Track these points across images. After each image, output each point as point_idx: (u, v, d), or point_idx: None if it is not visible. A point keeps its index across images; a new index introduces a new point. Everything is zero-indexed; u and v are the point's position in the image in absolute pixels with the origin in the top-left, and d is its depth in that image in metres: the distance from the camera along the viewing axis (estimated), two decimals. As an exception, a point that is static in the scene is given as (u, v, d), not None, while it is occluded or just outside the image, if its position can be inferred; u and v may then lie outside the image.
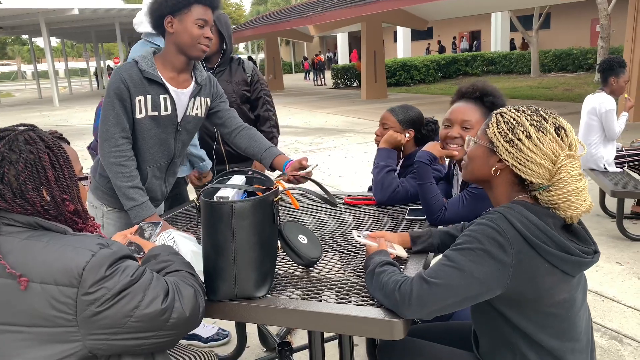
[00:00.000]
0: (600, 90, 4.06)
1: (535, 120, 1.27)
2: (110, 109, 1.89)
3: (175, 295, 1.19)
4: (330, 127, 10.62)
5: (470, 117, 1.89)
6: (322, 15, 15.27)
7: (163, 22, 1.88)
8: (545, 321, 1.26)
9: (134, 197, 1.92)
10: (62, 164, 1.22)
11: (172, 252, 1.41)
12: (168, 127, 2.00)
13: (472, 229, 1.25)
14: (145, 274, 1.18)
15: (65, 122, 13.82)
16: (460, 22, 27.13)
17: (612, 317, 2.79)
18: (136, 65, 1.90)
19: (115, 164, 1.91)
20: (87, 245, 1.13)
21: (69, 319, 1.08)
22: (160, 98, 1.94)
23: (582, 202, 1.22)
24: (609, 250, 3.66)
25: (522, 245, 1.20)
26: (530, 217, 1.22)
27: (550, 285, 1.22)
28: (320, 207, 2.27)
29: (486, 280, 1.21)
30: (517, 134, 1.26)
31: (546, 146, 1.24)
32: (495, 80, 19.10)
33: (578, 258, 1.22)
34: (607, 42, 13.98)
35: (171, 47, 1.92)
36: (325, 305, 1.37)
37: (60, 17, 18.88)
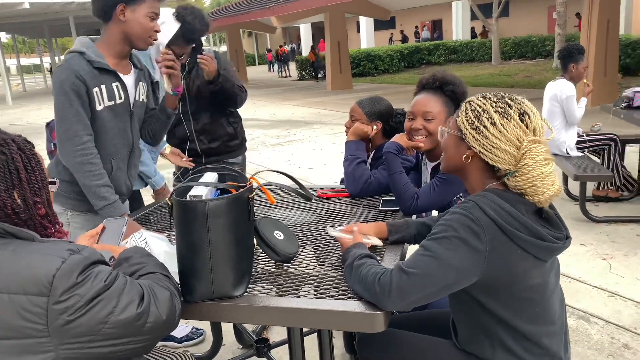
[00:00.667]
0: (560, 77, 4.16)
1: (500, 107, 1.29)
2: (68, 106, 1.82)
3: (150, 299, 1.16)
4: (297, 119, 10.57)
5: (432, 108, 1.93)
6: (284, 6, 15.15)
7: (114, 8, 1.84)
8: (520, 306, 1.28)
9: (105, 196, 1.87)
10: (34, 166, 1.18)
11: (144, 253, 1.36)
12: (124, 116, 1.98)
13: (447, 218, 1.27)
14: (118, 279, 1.13)
15: (21, 121, 13.30)
16: (422, 11, 27.41)
17: (580, 297, 2.89)
18: (83, 57, 1.84)
19: (82, 162, 1.85)
20: (56, 252, 1.08)
21: (39, 329, 1.04)
22: (113, 86, 1.91)
23: (550, 187, 1.24)
24: (573, 232, 3.78)
25: (495, 233, 1.22)
26: (502, 205, 1.24)
27: (523, 271, 1.25)
28: (293, 202, 2.25)
29: (463, 268, 1.23)
30: (482, 121, 1.29)
31: (510, 132, 1.26)
32: (457, 69, 19.40)
33: (549, 244, 1.25)
34: (564, 29, 14.40)
35: (117, 35, 1.89)
36: (305, 300, 1.36)
37: (10, 11, 18.06)
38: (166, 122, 2.14)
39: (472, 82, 14.74)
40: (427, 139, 1.96)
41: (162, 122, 2.13)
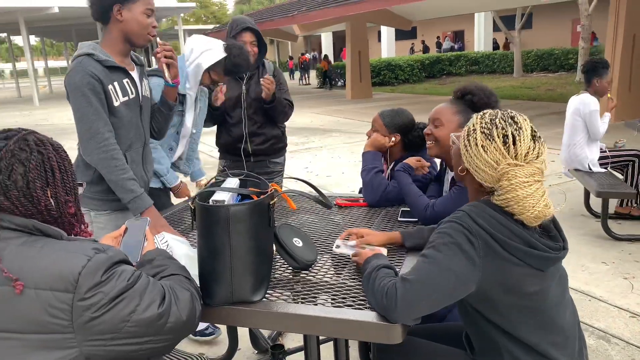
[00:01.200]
0: (584, 91, 4.11)
1: (487, 128, 1.32)
2: (87, 105, 1.87)
3: (172, 299, 1.18)
4: (315, 127, 10.61)
5: (441, 115, 1.98)
6: (307, 14, 15.25)
7: (110, 10, 1.91)
8: (520, 316, 1.29)
9: (132, 189, 1.93)
10: (67, 167, 1.23)
11: (167, 256, 1.39)
12: (136, 110, 2.06)
13: (442, 227, 1.31)
14: (141, 279, 1.16)
15: (46, 122, 13.59)
16: (444, 22, 27.32)
17: (599, 317, 2.83)
18: (93, 58, 1.90)
19: (106, 158, 1.90)
20: (82, 250, 1.11)
21: (64, 325, 1.06)
22: (124, 82, 1.99)
23: (530, 209, 1.25)
24: (595, 250, 3.71)
25: (486, 240, 1.25)
26: (492, 214, 1.28)
27: (518, 279, 1.26)
28: (311, 209, 2.26)
29: (461, 273, 1.25)
30: (470, 140, 1.35)
31: (489, 154, 1.30)
32: (478, 80, 19.24)
33: (542, 252, 1.27)
34: (588, 42, 14.22)
35: (117, 35, 1.96)
36: (322, 309, 1.36)
37: (39, 15, 18.53)
38: (168, 114, 2.20)
39: (493, 94, 14.60)
40: (434, 144, 2.00)
41: (164, 115, 2.20)
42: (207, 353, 2.61)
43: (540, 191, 1.27)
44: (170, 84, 2.09)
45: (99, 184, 2.00)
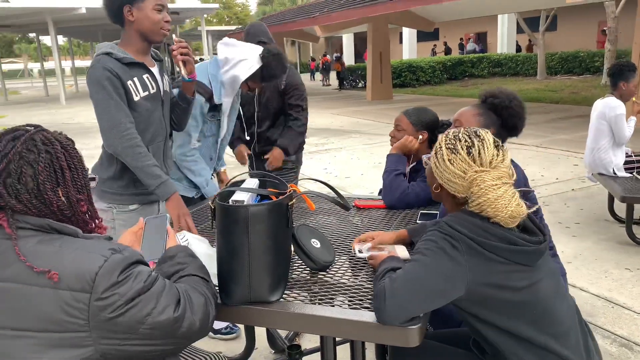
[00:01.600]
0: (609, 94, 4.03)
1: (452, 143, 1.40)
2: (108, 98, 1.92)
3: (186, 305, 1.19)
4: (335, 128, 10.61)
5: (461, 117, 2.02)
6: (328, 16, 15.27)
7: (121, 11, 1.95)
8: (515, 310, 1.33)
9: (158, 174, 1.98)
10: (77, 165, 1.21)
11: (188, 253, 1.40)
12: (157, 105, 2.09)
13: (426, 235, 1.37)
14: (158, 281, 1.17)
15: (72, 120, 13.87)
16: (466, 24, 27.05)
17: (622, 324, 2.78)
18: (111, 56, 1.94)
19: (130, 146, 1.94)
20: (99, 250, 1.12)
21: (81, 324, 1.07)
22: (144, 78, 2.03)
23: (503, 209, 1.30)
24: (619, 256, 3.64)
25: (469, 243, 1.30)
26: (469, 220, 1.33)
27: (505, 276, 1.31)
28: (330, 210, 2.27)
29: (449, 275, 1.29)
30: (438, 157, 1.43)
31: (456, 166, 1.37)
32: (501, 83, 19.04)
33: (523, 247, 1.31)
34: (614, 44, 13.93)
35: (133, 34, 2.00)
36: (339, 310, 1.37)
37: (67, 16, 18.92)
38: (186, 108, 2.23)
39: (516, 96, 14.41)
40: None
41: (183, 108, 2.23)
42: (225, 352, 2.63)
43: (509, 192, 1.32)
44: (187, 80, 2.12)
45: (121, 179, 2.05)
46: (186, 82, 2.14)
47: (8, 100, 23.24)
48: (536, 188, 5.42)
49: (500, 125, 1.97)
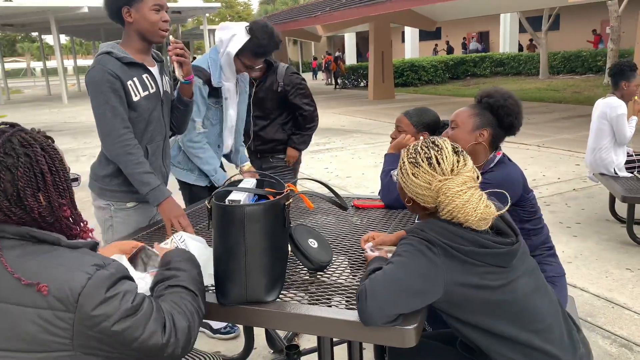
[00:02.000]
0: (611, 94, 4.02)
1: (412, 157, 1.43)
2: (104, 103, 1.93)
3: (171, 331, 1.14)
4: (337, 127, 10.60)
5: (457, 117, 2.02)
6: (330, 15, 15.26)
7: (120, 12, 1.96)
8: (494, 310, 1.34)
9: (149, 182, 1.99)
10: (58, 167, 1.15)
11: (184, 257, 1.37)
12: (157, 104, 2.10)
13: (403, 241, 1.38)
14: (145, 303, 1.11)
15: (74, 119, 13.89)
16: (469, 23, 27.00)
17: (622, 325, 2.77)
18: (111, 56, 1.95)
19: (122, 153, 1.96)
20: (82, 267, 1.06)
21: (65, 343, 1.03)
22: (144, 78, 2.03)
23: (472, 213, 1.32)
24: (619, 256, 3.63)
25: (442, 247, 1.32)
26: (442, 225, 1.36)
27: (481, 277, 1.32)
28: (328, 210, 2.27)
29: (427, 275, 1.30)
30: (403, 172, 1.45)
31: (420, 178, 1.39)
32: (503, 82, 19.00)
33: (495, 250, 1.33)
34: (617, 44, 13.89)
35: (133, 35, 2.01)
36: (336, 310, 1.36)
37: (69, 15, 18.94)
38: (185, 110, 2.24)
39: (518, 96, 14.17)
40: None
41: (181, 111, 2.24)
42: (224, 351, 2.63)
43: (476, 196, 1.34)
44: (184, 82, 2.13)
45: (119, 177, 2.06)
46: (183, 84, 2.15)
47: (10, 99, 23.29)
48: (537, 188, 5.41)
49: (496, 124, 1.97)
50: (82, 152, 8.81)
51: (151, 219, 2.20)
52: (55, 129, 12.06)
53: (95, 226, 1.63)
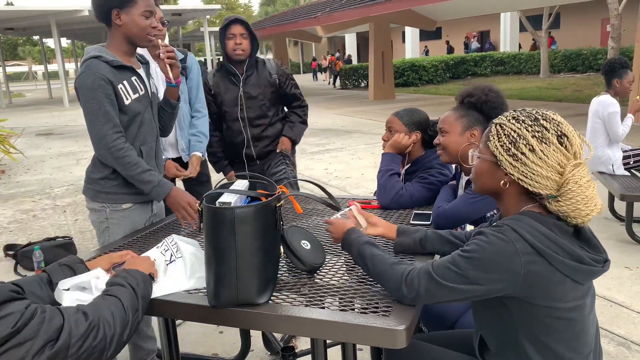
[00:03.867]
0: (605, 92, 4.03)
1: (537, 130, 1.24)
2: (97, 109, 1.94)
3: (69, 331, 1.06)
4: (337, 128, 10.60)
5: (444, 123, 1.99)
6: (330, 16, 15.27)
7: (110, 14, 1.96)
8: (557, 325, 1.25)
9: (149, 180, 2.01)
10: None
11: (132, 277, 1.32)
12: (147, 106, 2.11)
13: (480, 238, 1.25)
14: (34, 318, 1.02)
15: (75, 123, 13.92)
16: (469, 22, 26.98)
17: (620, 323, 2.76)
18: (101, 60, 1.95)
19: (117, 157, 1.97)
20: None
21: None
22: (133, 80, 2.04)
23: (593, 208, 1.21)
24: (618, 254, 3.62)
25: (532, 256, 1.19)
26: (539, 228, 1.22)
27: (561, 294, 1.22)
28: (323, 211, 2.26)
29: (492, 288, 1.23)
30: (520, 148, 1.24)
31: (551, 158, 1.22)
32: (504, 81, 18.98)
33: (589, 267, 1.22)
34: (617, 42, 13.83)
35: (119, 37, 2.01)
36: (328, 312, 1.36)
37: (70, 18, 18.98)
38: (172, 113, 2.26)
39: (518, 95, 14.38)
40: (443, 152, 2.00)
41: (168, 113, 2.25)
42: (220, 353, 2.63)
43: (596, 190, 1.22)
44: (172, 84, 2.15)
45: (114, 179, 2.07)
46: (171, 87, 2.17)
47: (12, 102, 23.34)
48: (537, 187, 5.39)
49: (484, 120, 1.95)
50: (82, 155, 8.83)
51: (147, 221, 2.20)
52: (56, 132, 12.09)
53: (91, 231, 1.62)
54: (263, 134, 2.96)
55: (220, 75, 2.95)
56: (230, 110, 2.92)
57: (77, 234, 4.69)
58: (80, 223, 5.04)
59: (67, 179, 7.03)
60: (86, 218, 5.13)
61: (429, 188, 2.21)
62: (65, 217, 5.26)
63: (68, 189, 6.44)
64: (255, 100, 2.89)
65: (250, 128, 2.94)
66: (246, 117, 2.91)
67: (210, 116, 2.93)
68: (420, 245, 1.66)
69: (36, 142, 10.46)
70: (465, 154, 1.89)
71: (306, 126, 3.14)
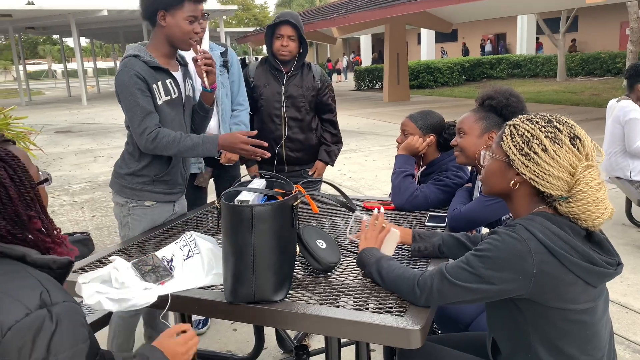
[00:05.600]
0: (625, 97, 3.96)
1: (550, 131, 1.25)
2: (135, 104, 1.98)
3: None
4: (351, 129, 10.60)
5: (463, 124, 1.97)
6: (345, 17, 15.28)
7: (155, 15, 1.99)
8: (569, 327, 1.25)
9: (195, 143, 2.01)
10: (22, 177, 1.04)
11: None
12: (179, 109, 2.14)
13: (493, 238, 1.26)
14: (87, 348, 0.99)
15: (93, 120, 14.10)
16: (485, 24, 26.80)
17: (637, 330, 2.73)
18: (138, 59, 1.99)
19: (159, 146, 2.00)
20: (26, 299, 0.94)
21: None
22: (167, 83, 2.07)
23: (603, 211, 1.22)
24: (635, 260, 3.57)
25: (544, 256, 1.19)
26: (551, 228, 1.22)
27: (573, 296, 1.22)
28: (339, 211, 2.28)
29: (504, 288, 1.23)
30: (532, 147, 1.25)
31: (563, 158, 1.23)
32: (520, 84, 18.82)
33: (601, 269, 1.22)
34: (637, 45, 13.67)
35: (162, 38, 2.05)
36: (343, 311, 1.37)
37: (89, 17, 19.25)
38: (205, 116, 2.28)
39: (535, 98, 14.25)
40: (460, 154, 1.99)
41: (201, 116, 2.28)
42: (234, 351, 2.66)
43: (607, 194, 1.23)
44: (208, 90, 2.17)
45: (141, 176, 2.10)
46: (206, 92, 2.19)
47: (32, 100, 23.72)
48: (553, 191, 5.34)
49: (503, 124, 1.95)
50: (100, 152, 8.94)
51: (166, 218, 2.24)
52: (74, 129, 12.27)
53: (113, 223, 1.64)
54: (295, 136, 2.88)
55: (263, 68, 2.90)
56: (269, 105, 2.85)
57: (94, 230, 4.76)
58: (97, 219, 5.11)
59: (85, 176, 7.13)
60: (104, 215, 5.20)
61: (444, 190, 2.21)
62: (83, 214, 5.35)
63: (86, 185, 6.54)
64: (295, 100, 2.84)
65: (287, 128, 2.86)
66: (286, 115, 2.84)
67: None
68: (439, 251, 1.67)
69: (55, 139, 10.63)
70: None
71: (341, 145, 3.10)
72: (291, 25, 2.75)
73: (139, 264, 1.56)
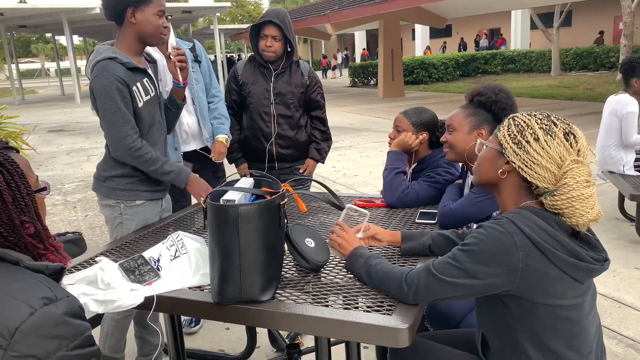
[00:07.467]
0: (622, 91, 3.96)
1: (545, 124, 1.27)
2: (116, 110, 1.97)
3: None
4: (345, 126, 10.59)
5: (453, 121, 1.97)
6: (339, 13, 15.23)
7: (124, 12, 1.98)
8: (556, 324, 1.25)
9: (169, 170, 2.09)
10: (18, 182, 1.04)
11: None
12: (156, 107, 2.14)
13: (479, 232, 1.26)
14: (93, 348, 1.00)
15: (86, 119, 14.04)
16: (480, 20, 26.82)
17: (629, 325, 2.73)
18: (116, 61, 1.98)
19: (137, 157, 2.02)
20: (28, 299, 0.94)
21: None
22: (145, 82, 2.07)
23: (589, 210, 1.21)
24: (628, 255, 3.58)
25: (530, 250, 1.20)
26: (538, 222, 1.22)
27: (559, 291, 1.22)
28: (329, 209, 2.27)
29: (491, 282, 1.23)
30: (525, 136, 1.27)
31: (553, 149, 1.24)
32: (514, 79, 18.85)
33: (588, 264, 1.22)
34: (630, 40, 13.70)
35: (132, 36, 2.04)
36: (331, 310, 1.36)
37: (82, 15, 19.14)
38: (176, 112, 2.30)
39: (529, 93, 14.27)
40: (450, 150, 1.99)
41: (173, 113, 2.29)
42: (227, 350, 2.65)
43: (595, 194, 1.23)
44: (179, 86, 2.19)
45: (129, 177, 2.10)
46: (177, 88, 2.21)
47: (25, 99, 23.58)
48: (546, 186, 5.35)
49: (493, 120, 1.94)
50: (93, 151, 8.90)
51: (157, 215, 2.22)
52: (67, 128, 12.21)
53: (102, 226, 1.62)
54: (285, 133, 2.87)
55: (252, 66, 2.88)
56: (257, 102, 2.84)
57: (87, 229, 4.73)
58: (90, 219, 5.09)
59: (77, 175, 7.09)
60: (96, 214, 5.17)
61: (435, 187, 2.20)
62: (75, 213, 5.32)
63: (79, 185, 6.51)
64: (284, 97, 2.83)
65: (277, 125, 2.86)
66: (275, 113, 2.84)
67: (231, 107, 2.91)
68: (429, 251, 1.67)
69: (48, 139, 10.57)
70: (472, 153, 1.89)
71: (331, 142, 3.06)
72: (275, 25, 2.72)
73: (126, 264, 1.54)
